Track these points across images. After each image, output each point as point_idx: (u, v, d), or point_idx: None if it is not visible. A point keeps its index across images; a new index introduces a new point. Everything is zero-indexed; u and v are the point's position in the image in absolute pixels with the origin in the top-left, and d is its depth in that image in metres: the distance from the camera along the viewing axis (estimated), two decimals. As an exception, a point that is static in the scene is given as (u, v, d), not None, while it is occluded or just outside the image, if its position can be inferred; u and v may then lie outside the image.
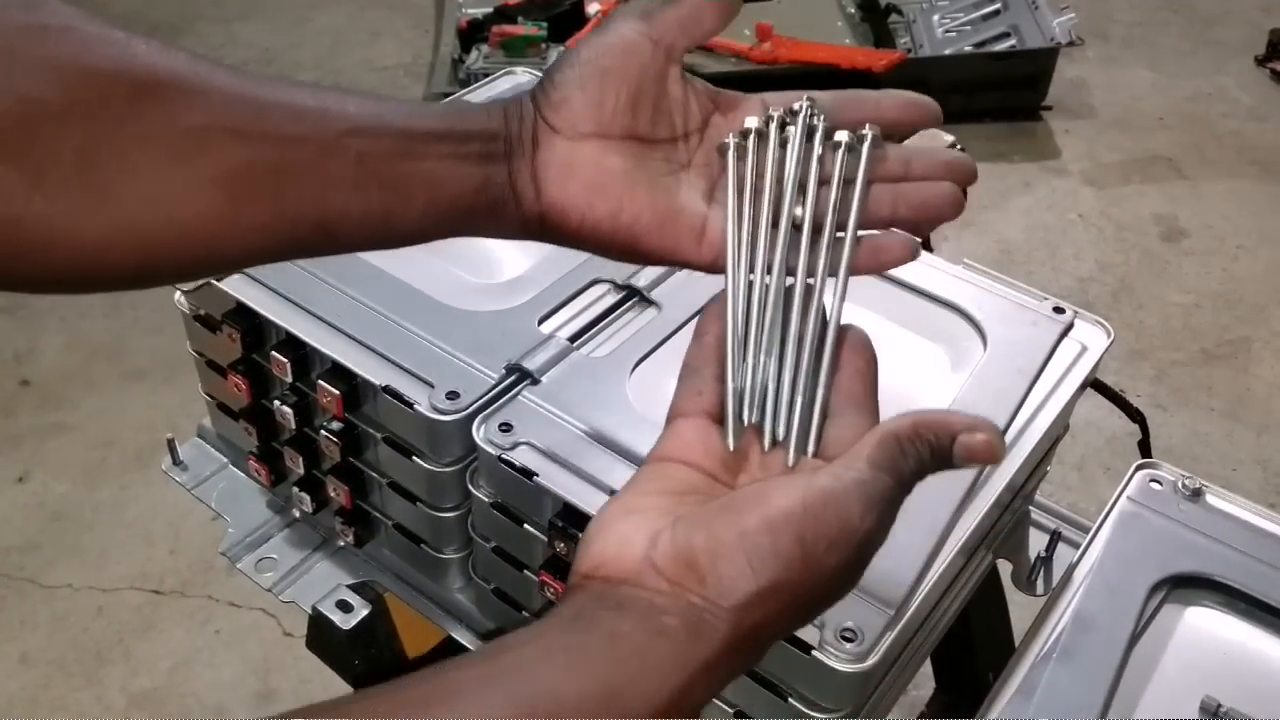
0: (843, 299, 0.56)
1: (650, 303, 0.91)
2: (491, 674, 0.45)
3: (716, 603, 0.47)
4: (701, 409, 0.55)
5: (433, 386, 0.81)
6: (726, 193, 0.58)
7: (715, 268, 0.59)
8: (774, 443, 0.53)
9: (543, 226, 0.60)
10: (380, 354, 0.84)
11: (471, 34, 3.33)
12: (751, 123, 0.59)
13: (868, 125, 0.58)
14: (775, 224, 0.57)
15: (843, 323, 0.56)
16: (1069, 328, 0.89)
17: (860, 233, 0.57)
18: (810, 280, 0.56)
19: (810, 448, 0.53)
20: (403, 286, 0.89)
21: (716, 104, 0.62)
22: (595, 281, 0.92)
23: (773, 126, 0.58)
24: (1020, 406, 0.82)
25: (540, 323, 0.88)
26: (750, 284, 0.56)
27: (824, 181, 0.57)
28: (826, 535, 0.48)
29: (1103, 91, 3.62)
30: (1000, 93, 3.42)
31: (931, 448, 0.51)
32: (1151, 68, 3.73)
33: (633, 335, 0.88)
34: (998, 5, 3.47)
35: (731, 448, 0.53)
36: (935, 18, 3.51)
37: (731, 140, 0.59)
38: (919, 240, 0.59)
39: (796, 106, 0.58)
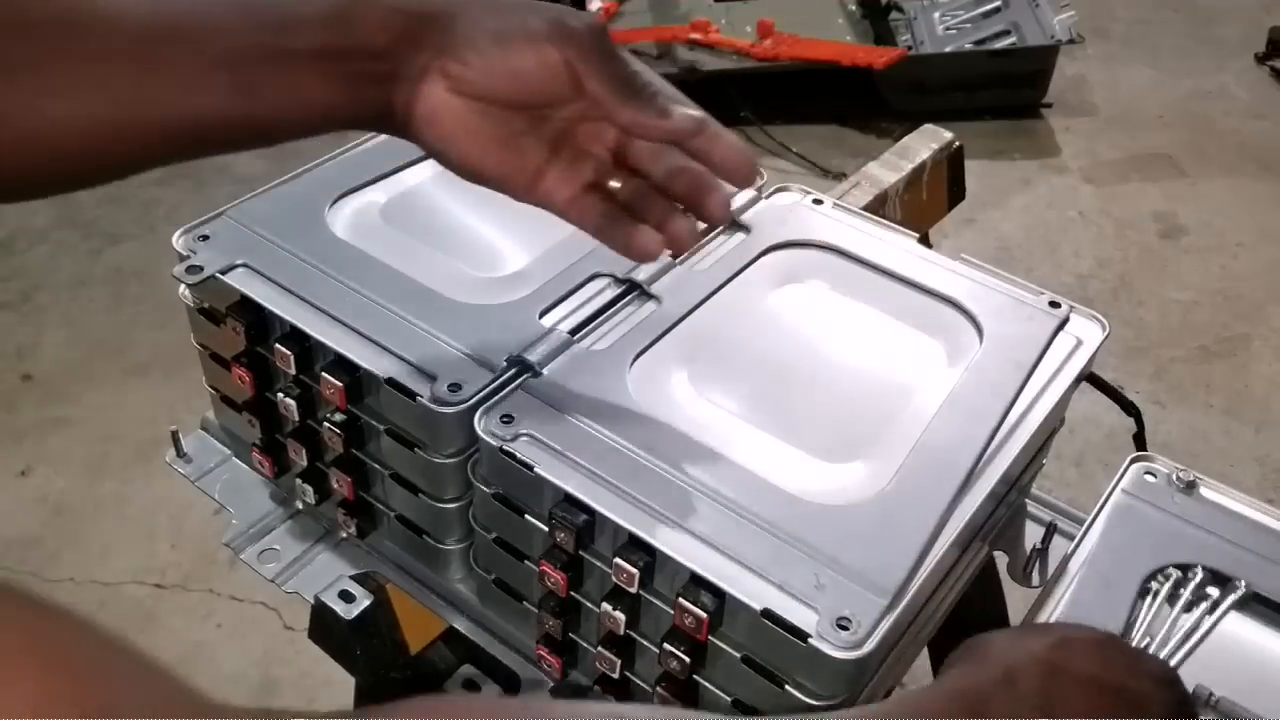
0: None
1: (650, 296, 0.91)
2: None
3: None
4: None
5: (435, 379, 0.82)
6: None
7: (535, 204, 0.74)
8: None
9: (404, 134, 0.70)
10: (383, 346, 0.84)
11: (473, 31, 3.33)
12: None
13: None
14: None
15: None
16: (1065, 321, 0.90)
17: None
18: None
19: None
20: (405, 280, 0.90)
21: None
22: (596, 275, 0.93)
23: None
24: (1015, 399, 0.83)
25: (541, 316, 0.88)
26: None
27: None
28: None
29: (1103, 89, 3.63)
30: (1000, 90, 3.44)
31: None
32: (1152, 65, 3.74)
33: (633, 329, 0.88)
34: (998, 3, 3.48)
35: None
36: (936, 15, 3.52)
37: None
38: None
39: None
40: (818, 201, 1.03)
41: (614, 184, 0.75)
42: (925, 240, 1.02)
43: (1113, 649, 0.65)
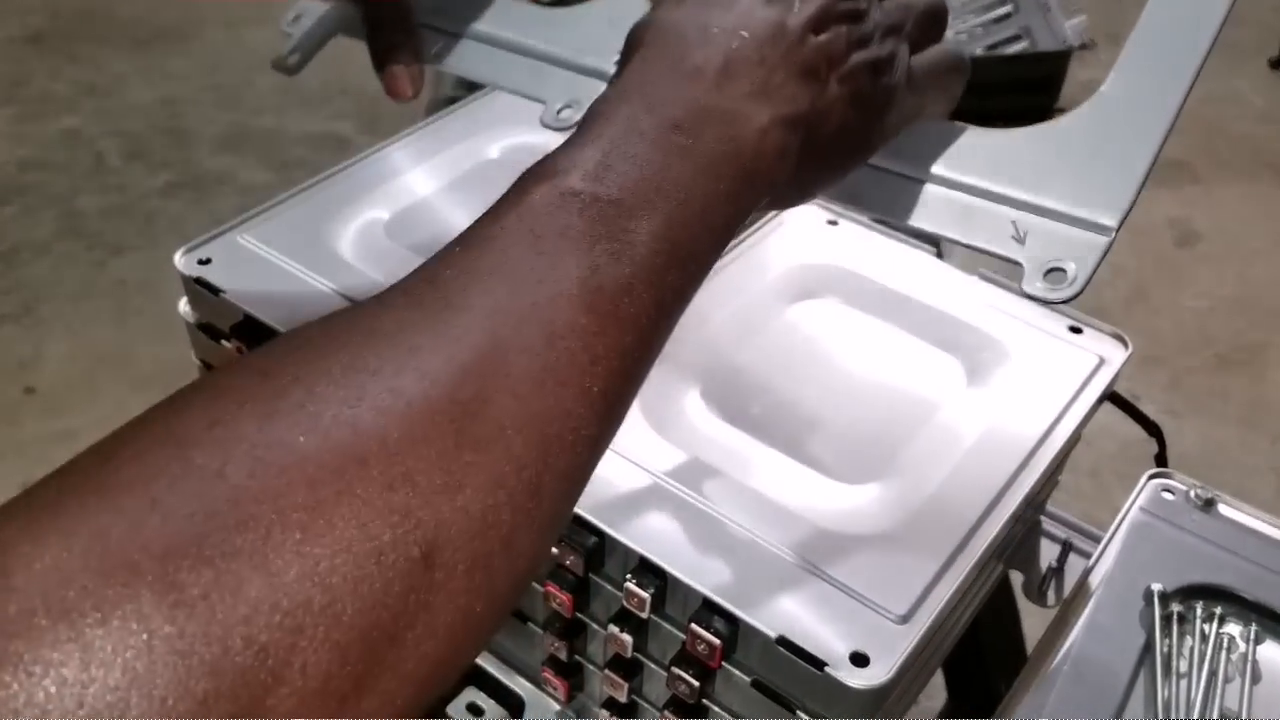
0: None
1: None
2: None
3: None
4: None
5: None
6: None
7: None
8: None
9: None
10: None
11: (480, 39, 3.32)
12: None
13: None
14: None
15: None
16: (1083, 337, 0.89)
17: None
18: None
19: None
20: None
21: None
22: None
23: None
24: (1039, 422, 0.82)
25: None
26: None
27: None
28: None
29: (1115, 95, 3.61)
30: (1012, 95, 3.41)
31: None
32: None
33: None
34: (1009, 8, 3.46)
35: None
36: (946, 21, 3.50)
37: None
38: None
39: None
40: (832, 221, 1.01)
41: None
42: (939, 251, 1.00)
43: None
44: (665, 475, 0.76)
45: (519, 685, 0.88)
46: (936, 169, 0.60)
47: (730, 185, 0.48)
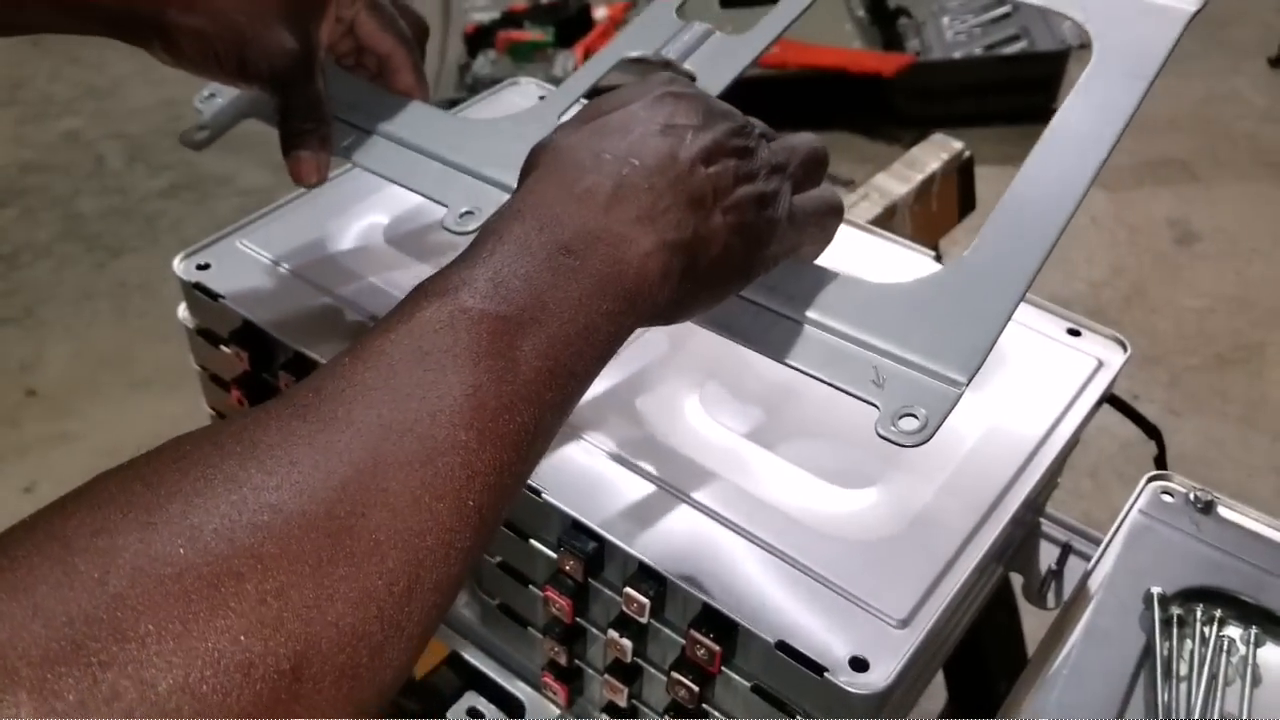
0: None
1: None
2: None
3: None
4: None
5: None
6: None
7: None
8: None
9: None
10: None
11: (478, 39, 3.32)
12: None
13: None
14: None
15: None
16: (1084, 343, 0.89)
17: None
18: None
19: None
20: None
21: None
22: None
23: None
24: (1037, 428, 0.82)
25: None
26: None
27: None
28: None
29: (1114, 94, 3.60)
30: (1011, 96, 3.41)
31: None
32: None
33: (642, 349, 0.87)
34: (1008, 8, 3.46)
35: None
36: (945, 20, 3.50)
37: None
38: None
39: None
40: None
41: None
42: (936, 251, 1.00)
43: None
44: (664, 480, 0.76)
45: (519, 689, 0.88)
46: (810, 312, 0.65)
47: (614, 305, 0.51)
